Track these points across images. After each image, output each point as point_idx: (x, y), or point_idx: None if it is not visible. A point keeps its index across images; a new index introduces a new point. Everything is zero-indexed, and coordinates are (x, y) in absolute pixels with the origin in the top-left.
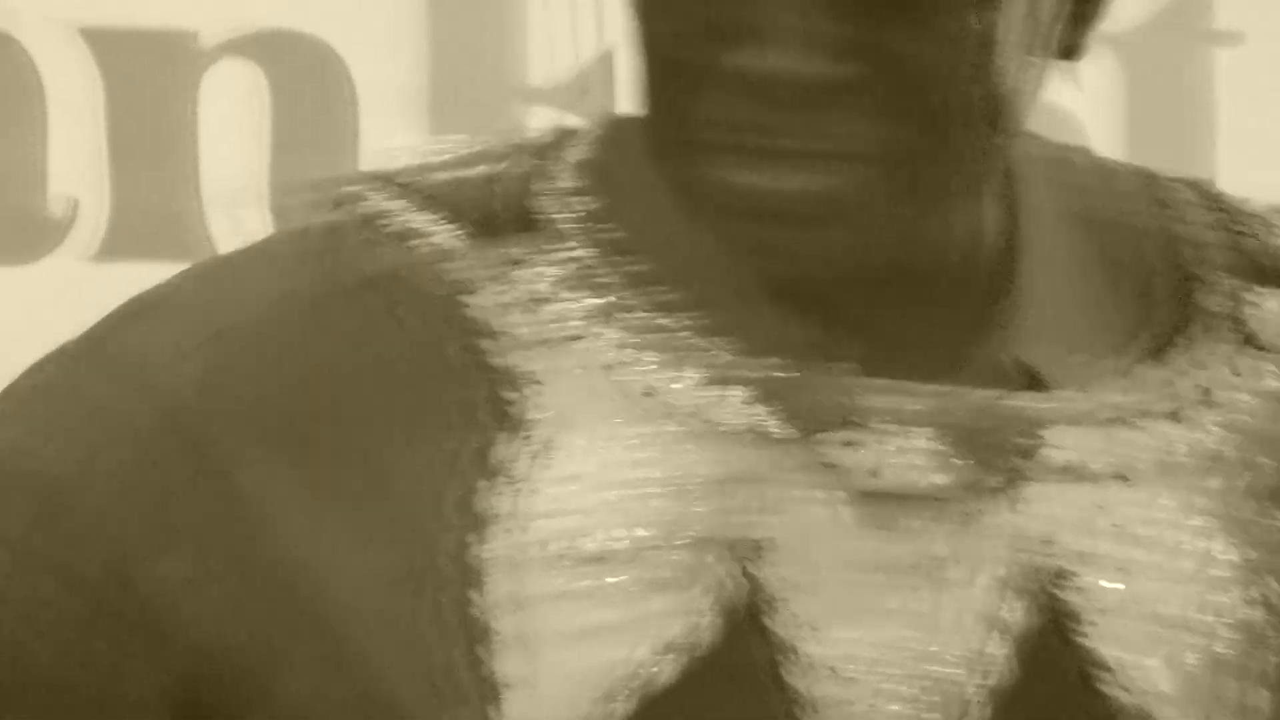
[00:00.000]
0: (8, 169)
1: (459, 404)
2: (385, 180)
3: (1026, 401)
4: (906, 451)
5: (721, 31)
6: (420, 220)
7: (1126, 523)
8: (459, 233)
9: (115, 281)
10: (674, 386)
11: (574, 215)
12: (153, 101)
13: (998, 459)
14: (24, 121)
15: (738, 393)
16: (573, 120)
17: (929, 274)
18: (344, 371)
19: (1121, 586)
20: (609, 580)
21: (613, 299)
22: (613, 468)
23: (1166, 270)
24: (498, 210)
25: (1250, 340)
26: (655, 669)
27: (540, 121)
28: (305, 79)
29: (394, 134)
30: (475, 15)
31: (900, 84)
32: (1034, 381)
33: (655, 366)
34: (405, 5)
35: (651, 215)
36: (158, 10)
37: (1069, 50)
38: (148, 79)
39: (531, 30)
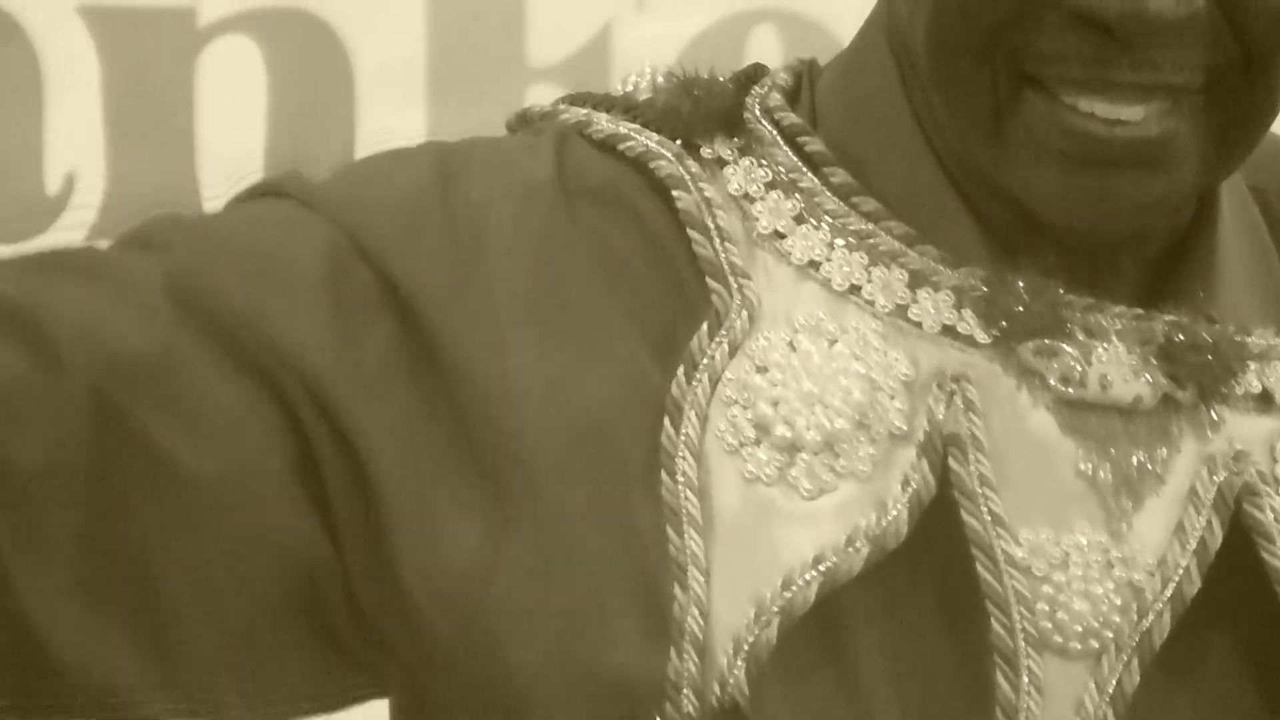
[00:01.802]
0: (4, 146)
1: (664, 292)
2: (585, 98)
3: (1221, 331)
4: (1107, 363)
5: None
6: (627, 127)
7: None
8: (665, 137)
9: None
10: (877, 286)
11: (780, 127)
12: (150, 78)
13: (1197, 378)
14: (21, 98)
15: (939, 295)
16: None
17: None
18: (558, 246)
19: None
20: (800, 469)
21: (817, 203)
22: (811, 359)
23: None
24: (704, 117)
25: None
26: (841, 559)
27: (540, 99)
28: (302, 56)
29: (391, 111)
30: None
31: (1249, 25)
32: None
33: (858, 265)
34: None
35: (856, 137)
36: None
37: None
38: (145, 56)
39: (530, 7)
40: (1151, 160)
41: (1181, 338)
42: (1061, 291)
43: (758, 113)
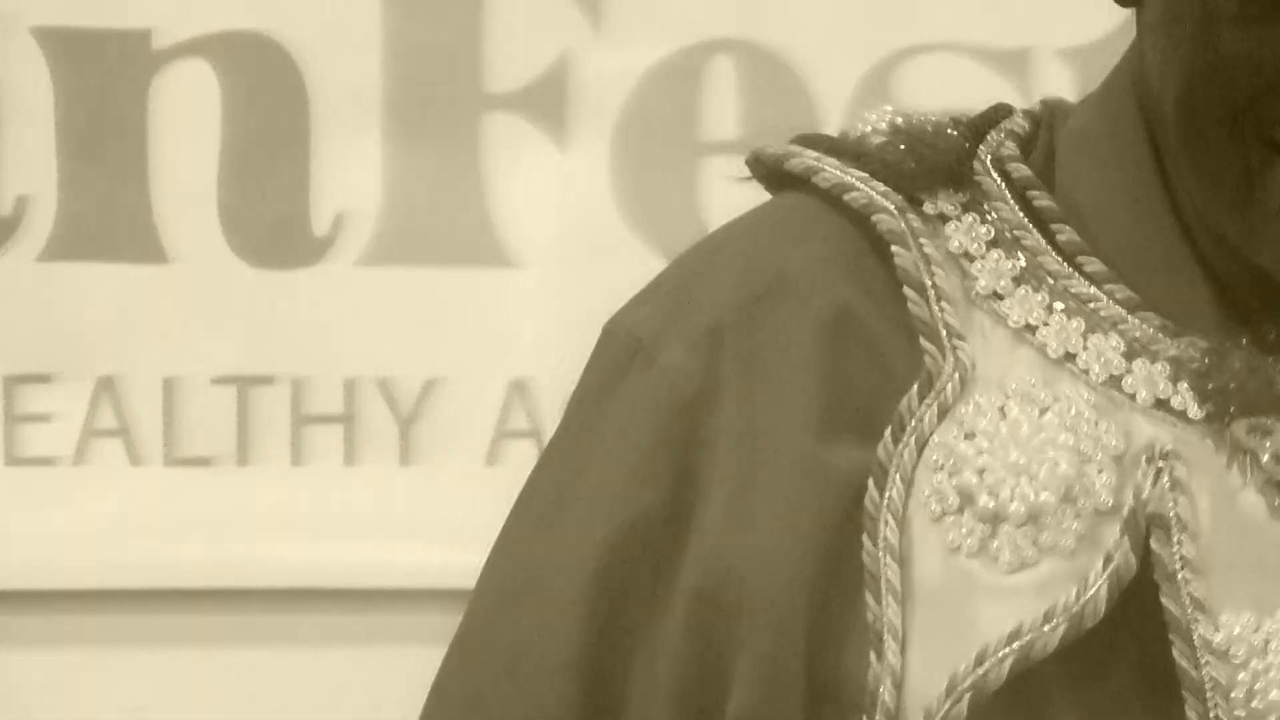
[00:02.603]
0: None
1: (870, 353)
2: (817, 141)
3: None
4: None
5: None
6: (853, 176)
7: None
8: (890, 189)
9: (63, 281)
10: (1093, 354)
11: (1008, 180)
12: (104, 101)
13: None
14: None
15: (1156, 367)
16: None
17: None
18: (813, 370)
19: None
20: (1002, 541)
21: (1040, 263)
22: (1020, 428)
23: None
24: (932, 169)
25: None
26: (1037, 636)
27: (496, 127)
28: (257, 80)
29: (347, 136)
30: (431, 18)
31: None
32: None
33: (1075, 332)
34: (360, 7)
35: (1095, 191)
36: (110, 10)
37: None
38: (99, 78)
39: (487, 34)
40: None
41: None
42: (1277, 363)
43: (989, 163)
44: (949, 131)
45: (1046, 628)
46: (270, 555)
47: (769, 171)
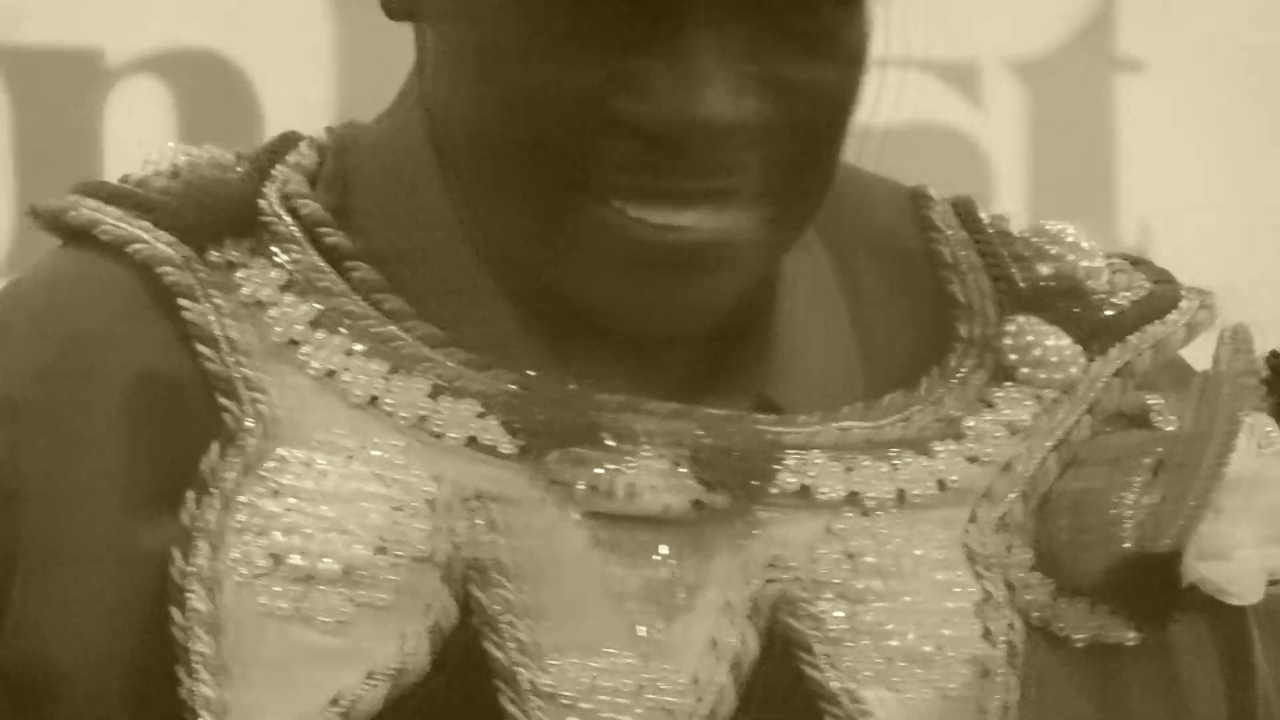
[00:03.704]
0: None
1: (174, 414)
2: (98, 189)
3: (763, 425)
4: (637, 471)
5: (627, 80)
6: (136, 227)
7: (860, 552)
8: (177, 239)
9: None
10: (397, 396)
11: (298, 220)
12: (59, 119)
13: (730, 481)
14: None
15: (465, 405)
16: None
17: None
18: (65, 389)
19: (849, 616)
20: (316, 601)
21: (337, 304)
22: (328, 481)
23: (927, 296)
24: (215, 215)
25: (1005, 370)
26: (359, 697)
27: None
28: (211, 98)
29: None
30: (383, 34)
31: (799, 114)
32: (775, 411)
33: (379, 375)
34: (312, 24)
35: (390, 225)
36: (64, 28)
37: None
38: (54, 97)
39: None
40: (708, 264)
41: (710, 440)
42: (594, 393)
43: (275, 203)
44: (233, 171)
45: (368, 688)
46: None
47: (53, 224)
